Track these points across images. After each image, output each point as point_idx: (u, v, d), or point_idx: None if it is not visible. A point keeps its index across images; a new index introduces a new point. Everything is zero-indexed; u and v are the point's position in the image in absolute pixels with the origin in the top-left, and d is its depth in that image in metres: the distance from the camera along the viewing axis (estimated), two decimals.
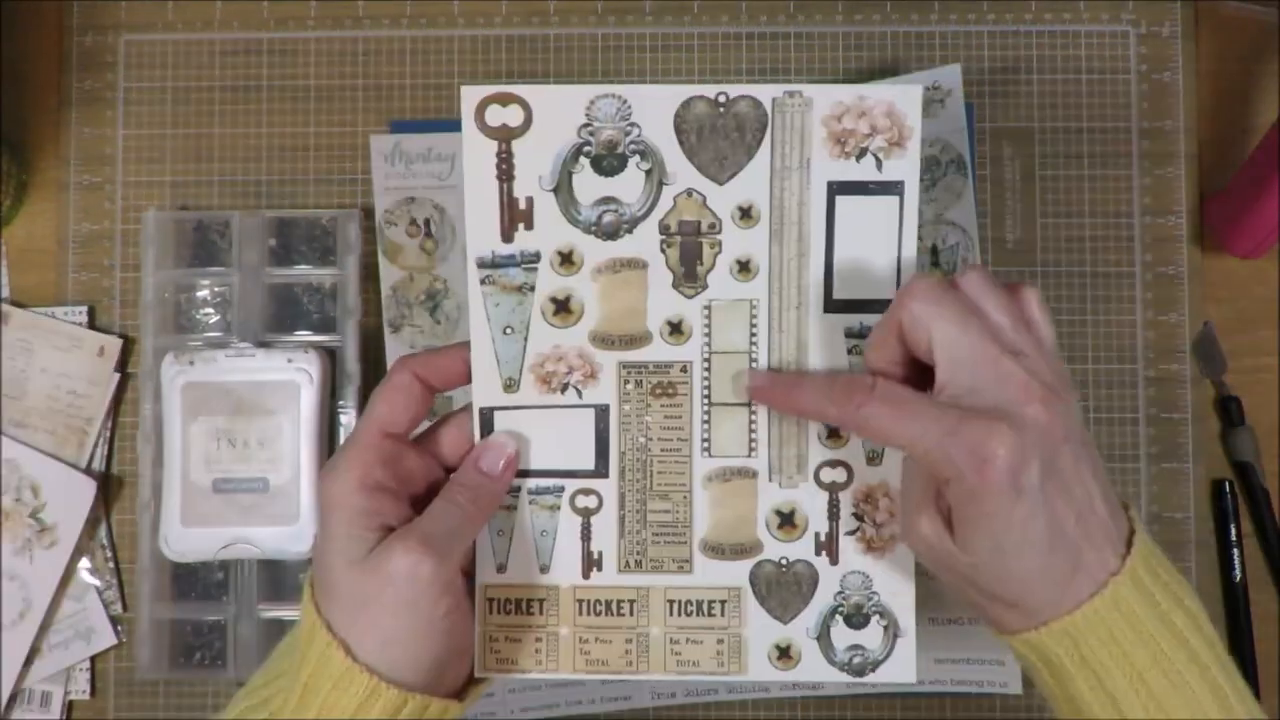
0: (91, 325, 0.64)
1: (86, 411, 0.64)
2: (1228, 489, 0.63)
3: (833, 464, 0.45)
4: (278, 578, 0.63)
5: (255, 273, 0.63)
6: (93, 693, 0.63)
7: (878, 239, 0.44)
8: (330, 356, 0.62)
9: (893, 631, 0.45)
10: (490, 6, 0.65)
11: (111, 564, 0.64)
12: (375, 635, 0.41)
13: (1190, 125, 0.64)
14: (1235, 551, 0.63)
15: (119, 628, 0.63)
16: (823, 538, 0.45)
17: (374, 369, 0.63)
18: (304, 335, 0.63)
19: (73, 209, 0.65)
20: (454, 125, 0.64)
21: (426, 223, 0.63)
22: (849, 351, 0.44)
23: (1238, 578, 0.63)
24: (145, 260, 0.63)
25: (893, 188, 0.44)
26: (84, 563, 0.63)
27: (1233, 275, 0.64)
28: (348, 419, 0.62)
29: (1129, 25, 0.65)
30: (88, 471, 0.63)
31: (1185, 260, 0.64)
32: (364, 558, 0.41)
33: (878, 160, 0.43)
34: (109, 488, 0.64)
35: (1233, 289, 0.64)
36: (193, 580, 0.63)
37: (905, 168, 0.43)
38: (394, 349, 0.63)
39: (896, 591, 0.45)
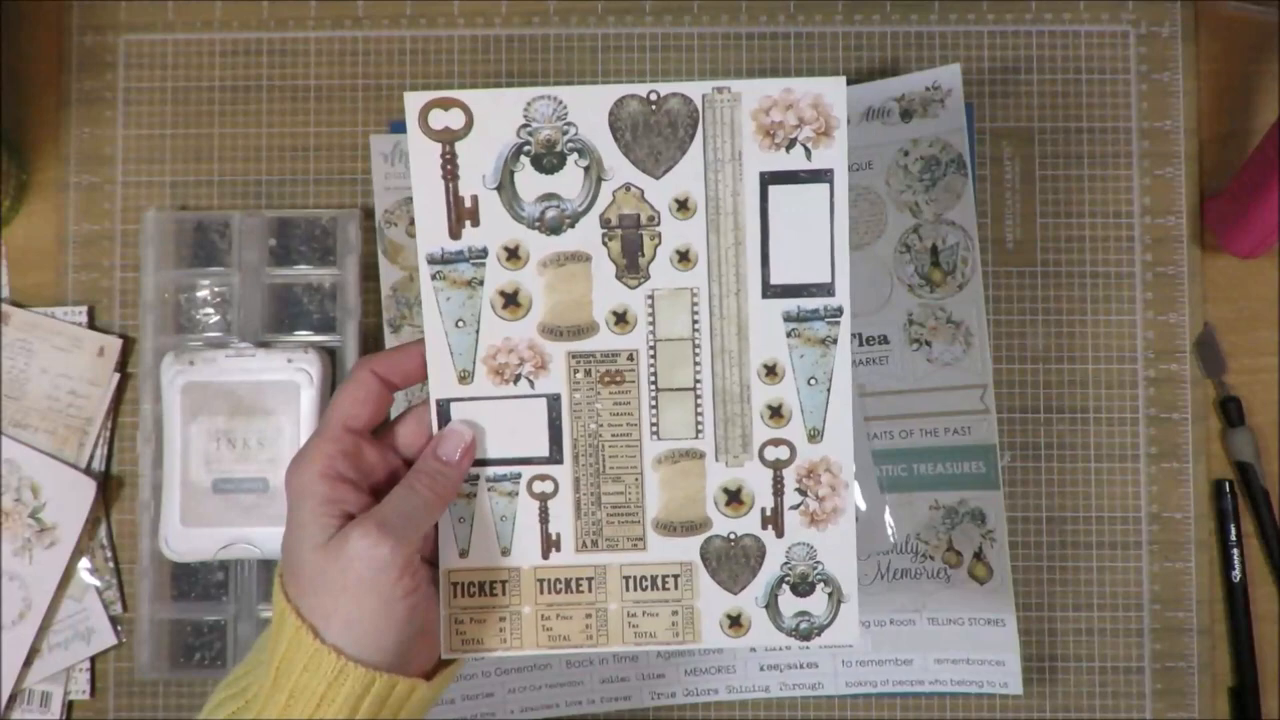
0: (91, 325, 0.64)
1: (86, 411, 0.64)
2: (1228, 489, 0.63)
3: (776, 442, 0.47)
4: None
5: (255, 273, 0.63)
6: (93, 693, 0.63)
7: (811, 225, 0.46)
8: (330, 356, 0.62)
9: (836, 598, 0.48)
10: (490, 6, 0.65)
11: (111, 564, 0.64)
12: (339, 617, 0.43)
13: (1190, 125, 0.64)
14: (1235, 551, 0.63)
15: (119, 628, 0.63)
16: (768, 512, 0.48)
17: None
18: (304, 335, 0.63)
19: (73, 209, 0.65)
20: None
21: None
22: (787, 335, 0.46)
23: (1238, 578, 0.63)
24: (145, 260, 0.63)
25: (822, 176, 0.46)
26: (84, 563, 0.63)
27: (1233, 275, 0.64)
28: None
29: (1129, 25, 0.65)
30: (88, 471, 0.63)
31: (1185, 260, 0.64)
32: (326, 542, 0.43)
33: (807, 150, 0.45)
34: (109, 488, 0.64)
35: (1233, 289, 0.64)
36: (193, 580, 0.63)
37: (833, 156, 0.45)
38: None
39: (839, 560, 0.48)
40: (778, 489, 0.48)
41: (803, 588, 0.48)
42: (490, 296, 0.47)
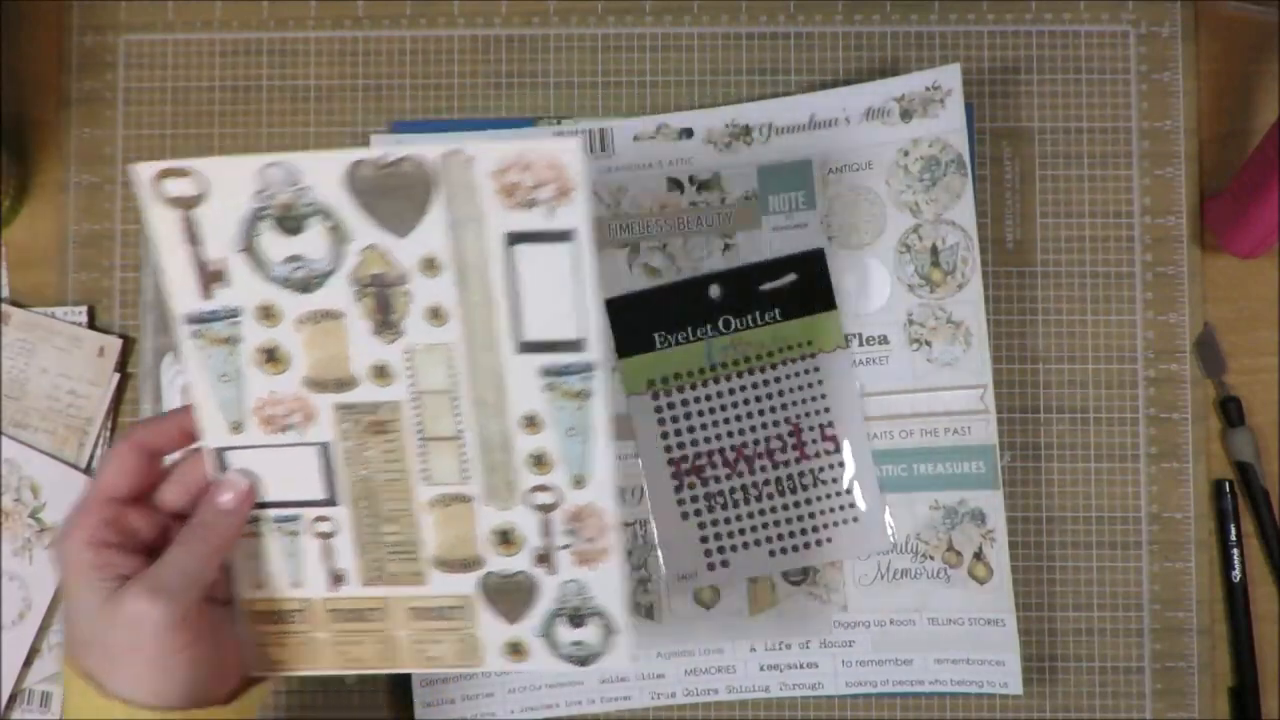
0: (91, 325, 0.64)
1: (86, 411, 0.64)
2: (1228, 489, 0.63)
3: (541, 489, 0.48)
4: None
5: None
6: None
7: (558, 282, 0.45)
8: None
9: (609, 628, 0.50)
10: (490, 6, 0.65)
11: None
12: (122, 672, 0.44)
13: (1190, 125, 0.64)
14: (1235, 551, 0.63)
15: None
16: (540, 552, 0.49)
17: None
18: None
19: (73, 209, 0.65)
20: (454, 126, 0.64)
21: None
22: (543, 389, 0.47)
23: (1238, 578, 0.63)
24: (145, 260, 0.63)
25: (566, 235, 0.45)
26: None
27: (1233, 275, 0.64)
28: None
29: (1129, 25, 0.65)
30: (88, 471, 0.63)
31: (1185, 260, 0.64)
32: (100, 605, 0.44)
33: (548, 210, 0.44)
34: None
35: (1233, 289, 0.64)
36: None
37: (575, 215, 0.44)
38: None
39: (610, 595, 0.49)
40: (547, 531, 0.49)
41: (576, 619, 0.50)
42: (249, 354, 0.47)
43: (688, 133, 0.63)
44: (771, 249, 0.62)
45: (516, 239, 0.45)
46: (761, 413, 0.62)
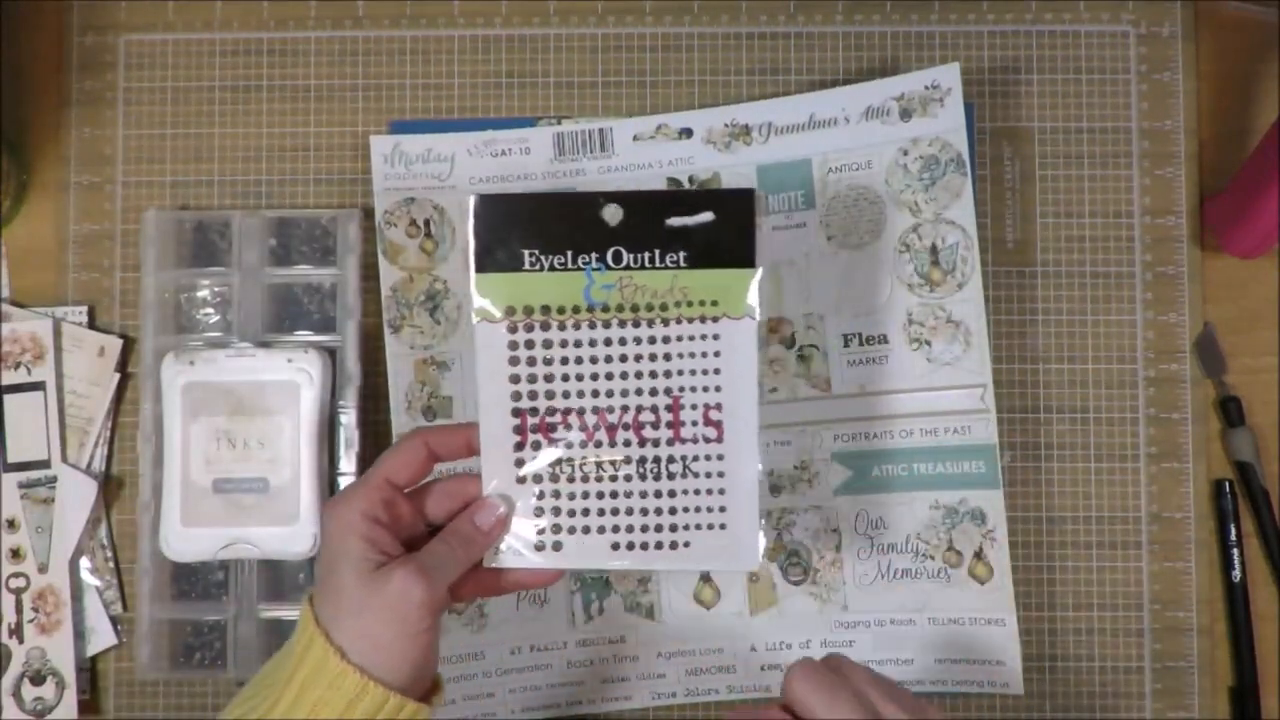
0: (91, 325, 0.64)
1: (86, 411, 0.64)
2: (1228, 489, 0.63)
3: (16, 575, 0.62)
4: (278, 578, 0.63)
5: (255, 273, 0.63)
6: (93, 693, 0.63)
7: (33, 421, 0.63)
8: (330, 356, 0.62)
9: (61, 686, 0.62)
10: (490, 6, 0.65)
11: (111, 564, 0.64)
12: (369, 641, 0.47)
13: (1190, 125, 0.64)
14: (1235, 551, 0.63)
15: (119, 628, 0.63)
16: (13, 626, 0.62)
17: (374, 369, 0.63)
18: (304, 335, 0.63)
19: (73, 209, 0.65)
20: (453, 126, 0.64)
21: (426, 223, 0.63)
22: (21, 498, 0.62)
23: (1238, 578, 0.63)
24: (145, 260, 0.63)
25: (39, 386, 0.63)
26: (84, 563, 0.63)
27: (1233, 275, 0.64)
28: (348, 419, 0.62)
29: (1129, 25, 0.65)
30: (88, 471, 0.63)
31: (1185, 260, 0.64)
32: (370, 573, 0.47)
33: (28, 369, 0.62)
34: (109, 488, 0.64)
35: (1233, 289, 0.64)
36: (193, 580, 0.63)
37: (45, 372, 0.62)
38: (394, 349, 0.63)
39: (63, 659, 0.62)
40: (19, 608, 0.62)
41: (37, 679, 0.62)
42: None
43: (687, 132, 0.63)
44: (772, 250, 0.62)
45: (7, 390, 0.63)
46: (639, 375, 0.51)
